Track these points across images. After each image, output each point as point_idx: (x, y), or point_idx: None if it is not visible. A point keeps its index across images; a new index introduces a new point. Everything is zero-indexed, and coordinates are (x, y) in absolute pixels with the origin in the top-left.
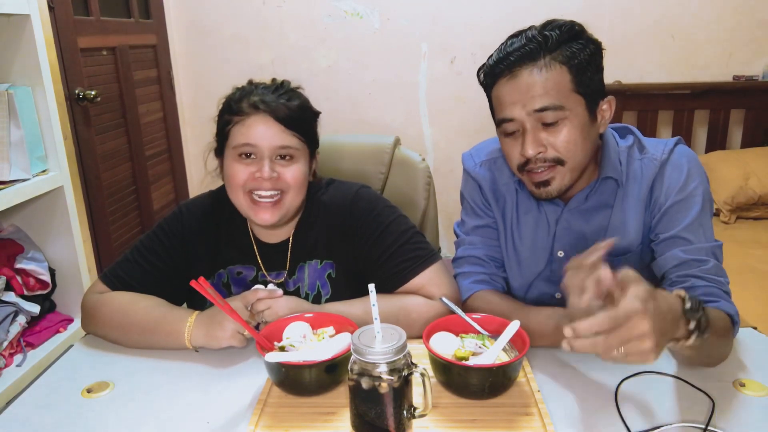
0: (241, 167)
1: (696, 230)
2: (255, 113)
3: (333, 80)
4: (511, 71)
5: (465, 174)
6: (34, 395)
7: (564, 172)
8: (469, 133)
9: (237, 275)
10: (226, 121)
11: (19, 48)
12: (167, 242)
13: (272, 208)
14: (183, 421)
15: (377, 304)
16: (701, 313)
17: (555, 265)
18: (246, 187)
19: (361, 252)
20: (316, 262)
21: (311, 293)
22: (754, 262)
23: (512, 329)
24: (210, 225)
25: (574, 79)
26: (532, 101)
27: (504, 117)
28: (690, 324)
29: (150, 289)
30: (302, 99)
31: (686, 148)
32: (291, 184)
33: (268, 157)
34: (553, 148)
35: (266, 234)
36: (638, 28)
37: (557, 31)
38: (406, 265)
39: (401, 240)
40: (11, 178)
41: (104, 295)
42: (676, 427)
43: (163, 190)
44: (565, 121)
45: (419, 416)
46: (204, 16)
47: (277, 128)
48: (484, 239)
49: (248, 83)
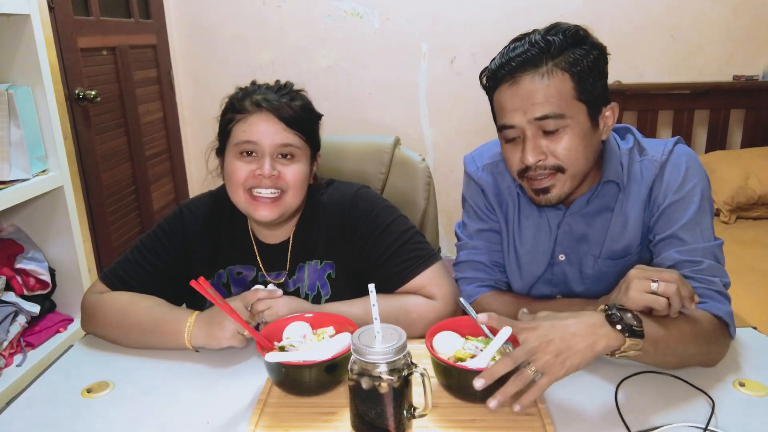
0: (241, 165)
1: (693, 230)
2: (257, 111)
3: (333, 80)
4: (512, 77)
5: (467, 177)
6: (34, 395)
7: (564, 179)
8: (469, 133)
9: (237, 275)
10: (228, 120)
11: (19, 48)
12: (167, 242)
13: (272, 205)
14: (183, 421)
15: (377, 304)
16: (623, 317)
17: (556, 268)
18: (246, 184)
19: (360, 252)
20: (316, 262)
21: (311, 293)
22: (754, 262)
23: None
24: (210, 225)
25: (576, 86)
26: (532, 109)
27: (505, 123)
28: (616, 326)
29: (150, 288)
30: (305, 100)
31: (686, 147)
32: (291, 183)
33: (269, 155)
34: (553, 155)
35: (266, 234)
36: (638, 28)
37: (561, 36)
38: (406, 265)
39: (401, 240)
40: (11, 178)
41: (104, 295)
42: (676, 427)
43: (163, 190)
44: (566, 129)
45: (419, 416)
46: (204, 16)
47: (278, 126)
48: (487, 243)
49: (251, 83)
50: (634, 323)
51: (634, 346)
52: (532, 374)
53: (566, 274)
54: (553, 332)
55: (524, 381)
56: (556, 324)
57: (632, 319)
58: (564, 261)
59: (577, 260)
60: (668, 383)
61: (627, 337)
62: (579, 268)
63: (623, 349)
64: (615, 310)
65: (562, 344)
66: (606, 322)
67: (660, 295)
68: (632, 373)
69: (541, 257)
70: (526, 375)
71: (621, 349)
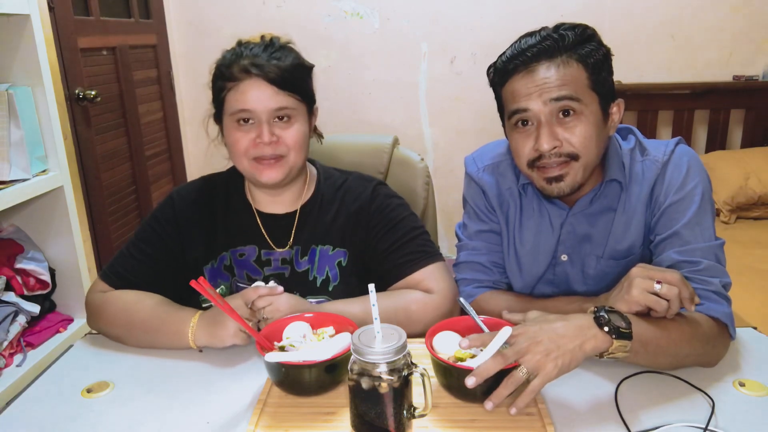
0: (240, 134)
1: (693, 230)
2: (247, 78)
3: (333, 80)
4: (527, 67)
5: (468, 178)
6: (34, 395)
7: (578, 168)
8: (469, 133)
9: (240, 257)
10: (219, 88)
11: (19, 48)
12: (160, 230)
13: (276, 165)
14: (183, 421)
15: (377, 302)
16: (610, 318)
17: (558, 268)
18: (249, 154)
19: (370, 242)
20: (328, 247)
21: (320, 277)
22: (754, 262)
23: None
24: (204, 209)
25: (590, 76)
26: (549, 92)
27: (518, 107)
28: (604, 328)
29: (150, 281)
30: (294, 54)
31: (687, 147)
32: (291, 146)
33: (265, 121)
34: (568, 143)
35: (270, 203)
36: (638, 28)
37: (573, 32)
38: (409, 258)
39: (409, 236)
40: (11, 178)
41: (107, 295)
42: (676, 427)
43: (163, 190)
44: (581, 117)
45: (419, 416)
46: (204, 16)
47: (271, 90)
48: (487, 244)
49: (237, 44)
50: (622, 325)
51: (621, 348)
52: (524, 376)
53: (568, 274)
54: (542, 333)
55: (516, 383)
56: (544, 326)
57: (620, 320)
58: (566, 261)
59: (580, 260)
60: (668, 383)
61: (614, 338)
62: (581, 268)
63: (611, 351)
64: (603, 312)
65: (551, 344)
66: (594, 323)
67: (661, 297)
68: (632, 373)
69: (542, 257)
70: (518, 377)
71: (609, 350)
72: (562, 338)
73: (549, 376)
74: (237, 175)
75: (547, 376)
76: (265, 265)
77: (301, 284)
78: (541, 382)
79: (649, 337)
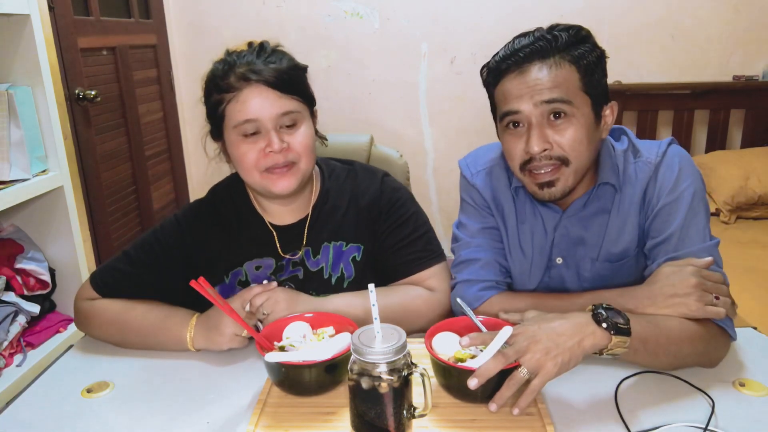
0: (247, 147)
1: (686, 232)
2: (246, 85)
3: (333, 80)
4: (519, 67)
5: (464, 180)
6: (34, 395)
7: (568, 173)
8: (469, 133)
9: (256, 269)
10: (217, 101)
11: (19, 48)
12: (163, 257)
13: (288, 174)
14: (183, 421)
15: (378, 299)
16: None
17: (553, 271)
18: (260, 166)
19: (380, 236)
20: (341, 243)
21: (334, 274)
22: (754, 262)
23: (504, 335)
24: (212, 230)
25: (582, 78)
26: (540, 93)
27: (509, 109)
28: (602, 324)
29: (140, 296)
30: (287, 56)
31: (679, 148)
32: (301, 151)
33: (272, 128)
34: (558, 146)
35: (281, 214)
36: (638, 29)
37: (567, 33)
38: (415, 256)
39: (417, 233)
40: (11, 178)
41: (96, 303)
42: (676, 427)
43: (163, 190)
44: (572, 120)
45: (419, 416)
46: (204, 16)
47: (273, 95)
48: (491, 242)
49: (226, 54)
50: (620, 321)
51: (620, 344)
52: (524, 375)
53: (563, 277)
54: (540, 332)
55: (517, 383)
56: (543, 325)
57: (618, 317)
58: (561, 264)
59: (575, 263)
60: (668, 383)
61: (613, 335)
62: (576, 271)
63: (610, 347)
64: (601, 309)
65: (550, 343)
66: (592, 320)
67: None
68: (632, 373)
69: (537, 261)
70: (518, 377)
71: (608, 347)
72: (561, 336)
73: (549, 374)
74: (239, 185)
75: (547, 375)
76: (278, 271)
77: (316, 284)
78: (541, 381)
79: (648, 334)
